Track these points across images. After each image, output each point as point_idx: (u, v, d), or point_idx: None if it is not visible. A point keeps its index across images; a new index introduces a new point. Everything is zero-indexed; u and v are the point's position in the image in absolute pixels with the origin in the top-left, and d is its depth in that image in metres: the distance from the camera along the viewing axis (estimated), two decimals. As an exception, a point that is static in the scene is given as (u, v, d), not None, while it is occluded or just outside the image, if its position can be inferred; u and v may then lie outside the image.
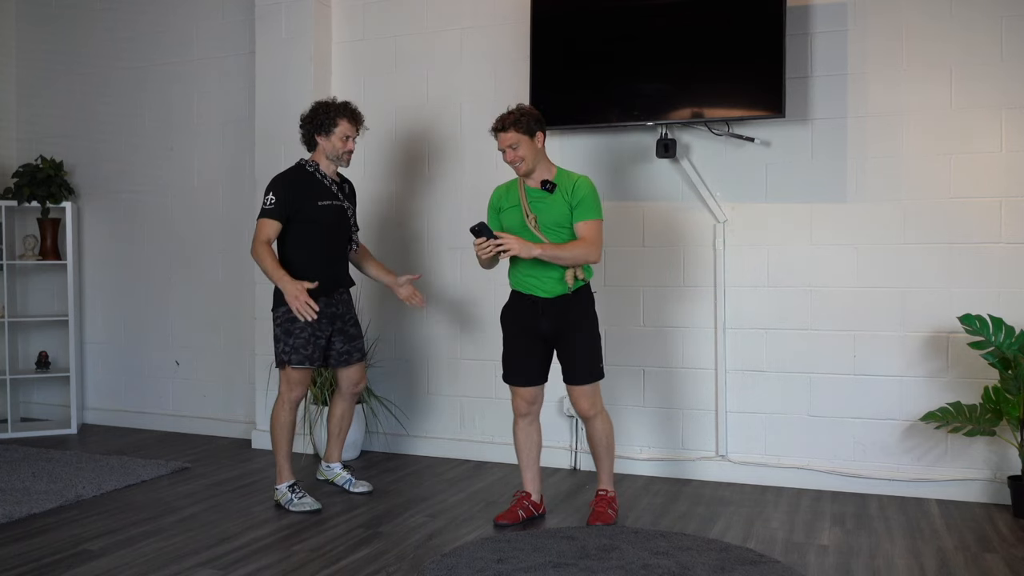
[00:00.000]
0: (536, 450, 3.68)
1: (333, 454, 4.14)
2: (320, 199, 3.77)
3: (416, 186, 4.88)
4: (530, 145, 3.47)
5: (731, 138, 4.20)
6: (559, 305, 3.49)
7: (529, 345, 3.57)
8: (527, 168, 3.49)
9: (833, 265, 4.10)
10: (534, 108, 3.58)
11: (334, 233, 3.84)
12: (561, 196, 3.47)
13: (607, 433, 3.60)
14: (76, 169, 5.77)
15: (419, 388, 4.88)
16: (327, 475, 4.15)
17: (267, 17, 4.98)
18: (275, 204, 3.68)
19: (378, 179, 4.95)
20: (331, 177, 3.85)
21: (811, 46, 4.11)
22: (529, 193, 3.52)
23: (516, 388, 3.63)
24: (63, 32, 5.81)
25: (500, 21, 4.66)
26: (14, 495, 3.93)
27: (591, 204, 3.47)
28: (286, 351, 3.74)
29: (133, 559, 3.17)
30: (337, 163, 3.84)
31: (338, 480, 4.10)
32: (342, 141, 3.78)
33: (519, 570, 2.97)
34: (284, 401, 3.81)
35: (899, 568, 3.08)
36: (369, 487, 4.07)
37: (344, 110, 3.80)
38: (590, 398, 3.54)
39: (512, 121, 3.45)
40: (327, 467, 4.15)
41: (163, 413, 5.57)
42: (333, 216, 3.81)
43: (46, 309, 5.83)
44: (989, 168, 3.88)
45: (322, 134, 3.79)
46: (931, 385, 3.95)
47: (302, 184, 3.76)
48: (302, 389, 3.83)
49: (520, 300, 3.58)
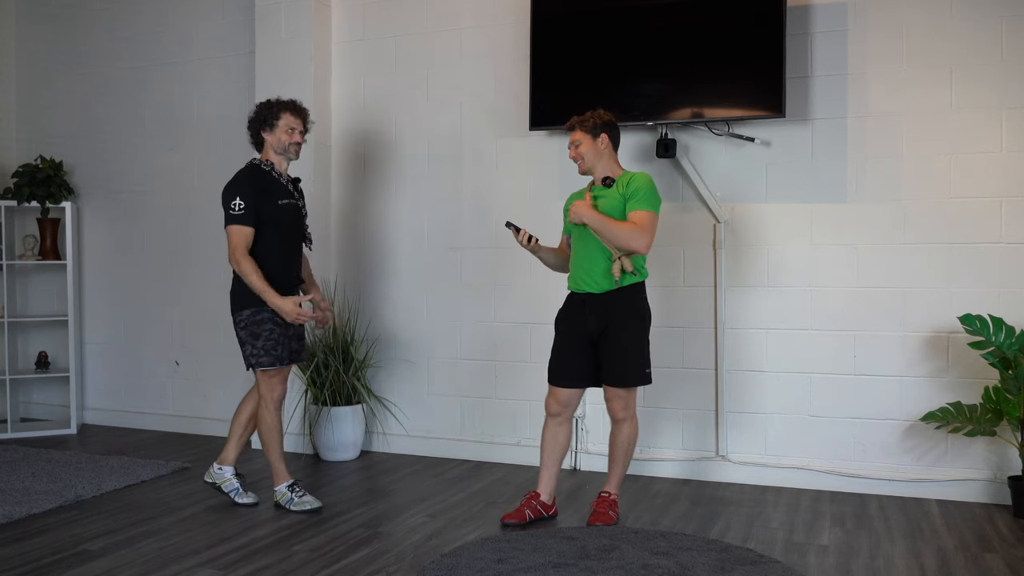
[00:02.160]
0: (559, 452, 3.67)
1: (229, 455, 3.90)
2: (279, 198, 3.72)
3: (416, 186, 4.88)
4: (592, 145, 3.58)
5: (731, 138, 4.20)
6: (606, 302, 3.51)
7: (574, 345, 3.58)
8: (586, 166, 3.61)
9: (833, 265, 4.10)
10: (607, 113, 3.64)
11: (291, 232, 3.79)
12: (617, 190, 3.55)
13: (631, 440, 3.61)
14: (76, 169, 5.77)
15: (419, 388, 4.88)
16: (215, 478, 3.90)
17: (267, 17, 4.98)
18: (245, 209, 3.61)
19: (377, 179, 4.95)
20: (285, 175, 3.81)
21: (811, 46, 4.11)
22: (594, 191, 3.63)
23: (552, 387, 3.63)
24: (63, 32, 5.81)
25: (500, 21, 4.66)
26: (14, 495, 3.93)
27: (644, 194, 3.49)
28: (255, 354, 3.68)
29: (133, 559, 3.17)
30: (285, 155, 3.78)
31: (225, 486, 3.88)
32: (287, 133, 3.75)
33: (519, 570, 2.97)
34: (267, 402, 3.75)
35: (899, 568, 3.08)
36: (255, 498, 3.87)
37: (287, 104, 3.79)
38: (623, 400, 3.55)
39: (579, 121, 3.62)
40: (218, 469, 3.90)
41: (163, 413, 5.57)
42: (291, 215, 3.76)
43: (46, 309, 5.83)
44: (989, 168, 3.88)
45: (267, 129, 3.76)
46: (931, 385, 3.95)
47: (261, 184, 3.71)
48: (282, 388, 3.77)
49: (572, 301, 3.62)
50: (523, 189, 4.63)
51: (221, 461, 3.92)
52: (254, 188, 3.67)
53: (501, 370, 4.69)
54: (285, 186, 3.78)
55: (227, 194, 3.67)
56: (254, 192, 3.65)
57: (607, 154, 3.61)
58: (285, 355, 3.73)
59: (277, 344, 3.69)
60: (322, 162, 4.97)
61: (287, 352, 3.74)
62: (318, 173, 4.93)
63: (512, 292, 4.66)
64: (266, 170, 3.76)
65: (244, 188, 3.65)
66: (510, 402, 4.68)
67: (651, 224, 3.47)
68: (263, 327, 3.67)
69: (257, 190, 3.67)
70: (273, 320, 3.68)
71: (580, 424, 4.48)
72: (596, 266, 3.51)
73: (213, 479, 3.92)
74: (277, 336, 3.69)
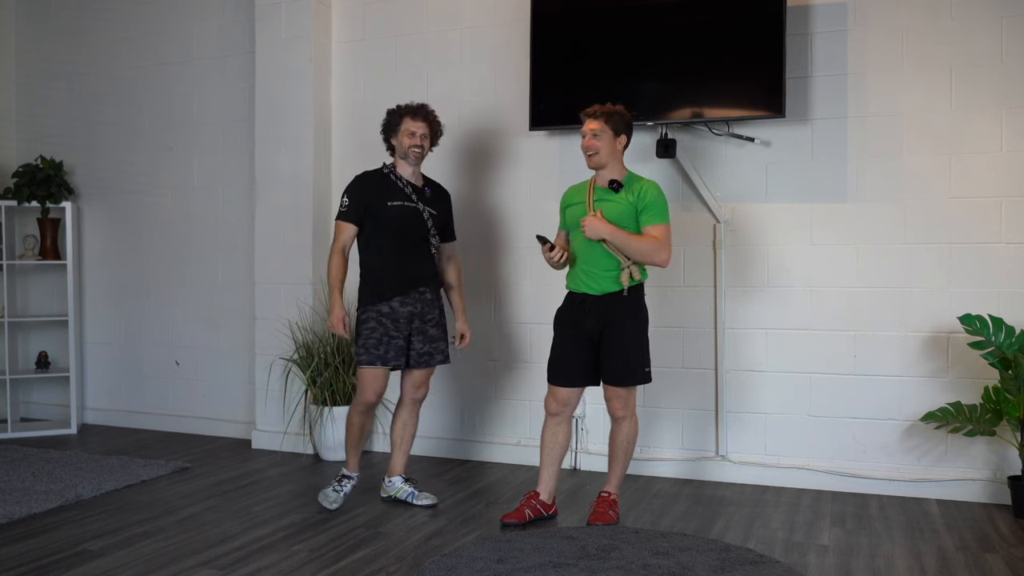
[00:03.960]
0: (559, 451, 3.66)
1: (395, 466, 3.90)
2: (391, 199, 3.74)
3: (416, 186, 4.88)
4: (611, 141, 3.50)
5: (731, 138, 4.20)
6: (607, 302, 3.49)
7: (574, 345, 3.56)
8: (598, 161, 3.52)
9: (833, 265, 4.10)
10: (628, 111, 3.58)
11: (405, 233, 3.76)
12: (625, 196, 3.48)
13: (631, 439, 3.60)
14: (76, 169, 5.77)
15: (419, 388, 4.88)
16: (389, 491, 3.90)
17: (267, 17, 4.98)
18: (348, 207, 3.73)
19: (378, 179, 4.95)
20: (408, 179, 3.80)
21: (811, 46, 4.11)
22: (596, 192, 3.55)
23: (552, 387, 3.62)
24: (63, 32, 5.81)
25: (500, 21, 4.66)
26: (14, 495, 3.93)
27: (660, 208, 3.47)
28: (358, 351, 3.71)
29: (133, 559, 3.17)
30: (406, 160, 3.80)
31: (400, 494, 3.86)
32: (408, 137, 3.77)
33: (519, 570, 2.97)
34: (356, 403, 3.77)
35: (899, 568, 3.08)
36: (434, 500, 3.84)
37: (408, 108, 3.82)
38: (623, 399, 3.53)
39: (605, 113, 3.51)
40: (388, 482, 3.91)
41: (163, 413, 5.57)
42: (402, 216, 3.74)
43: (46, 309, 5.83)
44: (989, 168, 3.88)
45: (392, 135, 3.82)
46: (931, 385, 3.95)
47: (373, 185, 3.77)
48: (372, 392, 3.72)
49: (572, 300, 3.60)
50: (523, 189, 4.63)
51: (389, 474, 3.92)
52: (364, 188, 3.76)
53: (501, 370, 4.69)
54: (402, 189, 3.78)
55: (343, 192, 3.80)
56: (362, 192, 3.75)
57: (619, 155, 3.57)
58: (391, 355, 3.70)
59: (379, 343, 3.69)
60: (322, 162, 4.97)
61: (393, 353, 3.70)
62: (318, 173, 4.94)
63: (512, 292, 4.66)
64: (385, 172, 3.81)
65: (353, 187, 3.78)
66: (510, 402, 4.68)
67: (669, 237, 3.47)
68: (365, 326, 3.71)
69: (366, 190, 3.75)
70: (378, 320, 3.69)
71: (580, 424, 4.48)
72: (598, 268, 3.50)
73: (388, 493, 3.91)
74: (379, 336, 3.69)
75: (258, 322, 4.99)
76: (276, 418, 4.92)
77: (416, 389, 3.86)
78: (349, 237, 3.75)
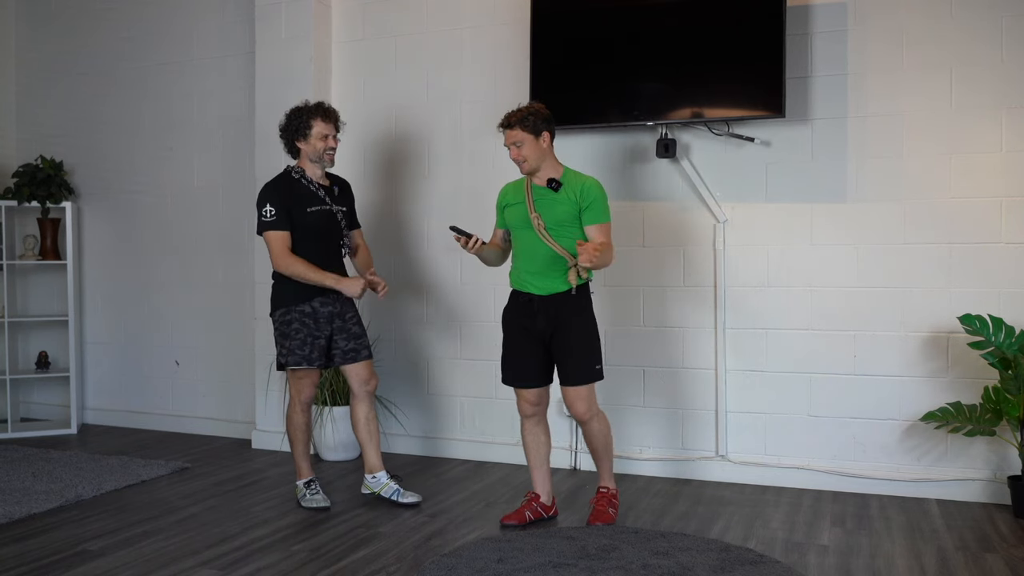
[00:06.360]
0: (544, 451, 3.65)
1: (372, 463, 3.87)
2: (309, 205, 3.76)
3: (416, 187, 4.88)
4: (534, 144, 3.45)
5: (731, 138, 4.20)
6: (555, 303, 3.46)
7: (527, 345, 3.54)
8: (530, 167, 3.48)
9: (833, 265, 4.10)
10: (544, 107, 3.52)
11: (325, 238, 3.82)
12: (566, 195, 3.45)
13: (604, 433, 3.57)
14: (76, 169, 5.77)
15: (419, 388, 4.88)
16: (373, 487, 3.88)
17: (267, 17, 4.98)
18: (277, 215, 3.69)
19: (377, 179, 4.95)
20: (318, 181, 3.82)
21: (811, 46, 4.11)
22: (535, 191, 3.50)
23: (518, 390, 3.60)
24: (63, 32, 5.82)
25: (500, 21, 4.66)
26: (14, 495, 3.93)
27: (603, 206, 3.46)
28: (283, 353, 3.77)
29: (133, 559, 3.17)
30: (320, 164, 3.81)
31: (385, 491, 3.85)
32: (321, 140, 3.76)
33: (519, 570, 2.97)
34: (294, 403, 3.85)
35: (899, 568, 3.08)
36: (418, 498, 3.85)
37: (317, 110, 3.78)
38: (585, 401, 3.48)
39: (518, 119, 3.43)
40: (371, 478, 3.88)
41: (163, 413, 5.57)
42: (323, 221, 3.79)
43: (46, 309, 5.83)
44: (989, 168, 3.88)
45: (300, 138, 3.78)
46: (931, 385, 3.95)
47: (290, 191, 3.75)
48: (309, 390, 3.84)
49: (517, 299, 3.56)
50: (523, 189, 4.62)
51: (370, 470, 3.89)
52: (284, 195, 3.72)
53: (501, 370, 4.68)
54: (316, 193, 3.79)
55: (259, 202, 3.75)
56: (284, 199, 3.71)
57: (549, 152, 3.51)
58: (313, 356, 3.75)
59: (304, 344, 3.73)
60: (322, 162, 4.98)
61: (317, 352, 3.75)
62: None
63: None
64: (296, 177, 3.80)
65: (272, 196, 3.72)
66: (510, 402, 4.65)
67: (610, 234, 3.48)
68: (291, 327, 3.73)
69: (287, 197, 3.72)
70: (301, 320, 3.72)
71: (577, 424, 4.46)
72: (544, 268, 3.45)
73: (371, 489, 3.90)
74: (304, 336, 3.73)
75: (258, 322, 4.98)
76: (276, 418, 4.92)
77: (366, 383, 3.88)
78: (288, 243, 3.71)
